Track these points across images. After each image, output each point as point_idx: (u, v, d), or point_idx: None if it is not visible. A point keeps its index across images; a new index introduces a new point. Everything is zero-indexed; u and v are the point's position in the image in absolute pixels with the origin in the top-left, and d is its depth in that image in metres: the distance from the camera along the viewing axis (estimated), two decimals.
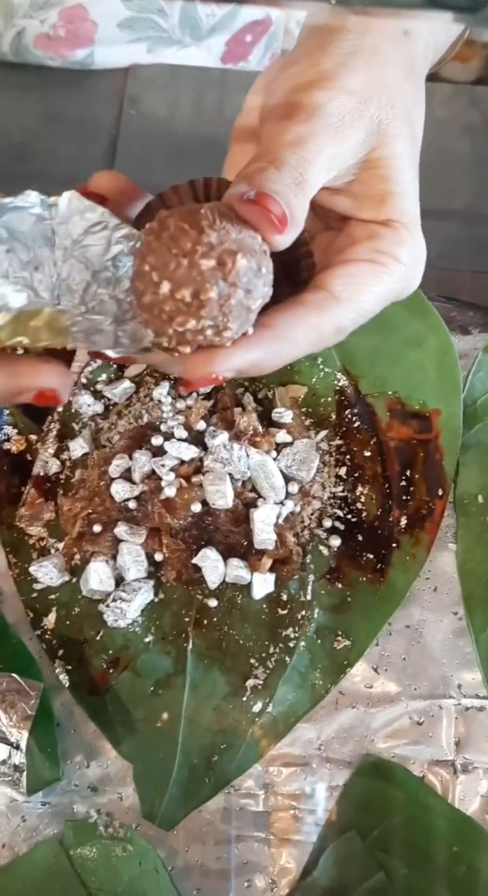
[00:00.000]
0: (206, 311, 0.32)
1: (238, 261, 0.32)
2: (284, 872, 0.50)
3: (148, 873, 0.49)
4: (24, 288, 0.36)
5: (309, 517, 0.57)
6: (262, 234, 0.33)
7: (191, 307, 0.32)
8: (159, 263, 0.32)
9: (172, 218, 0.32)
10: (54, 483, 0.58)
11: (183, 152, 0.79)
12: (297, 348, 0.36)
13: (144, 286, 0.32)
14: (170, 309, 0.32)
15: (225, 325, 0.32)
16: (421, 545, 0.56)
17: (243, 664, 0.54)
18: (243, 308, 0.33)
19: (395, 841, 0.50)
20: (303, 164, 0.35)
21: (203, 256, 0.31)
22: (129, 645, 0.54)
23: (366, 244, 0.38)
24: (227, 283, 0.32)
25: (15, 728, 0.48)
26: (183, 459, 0.56)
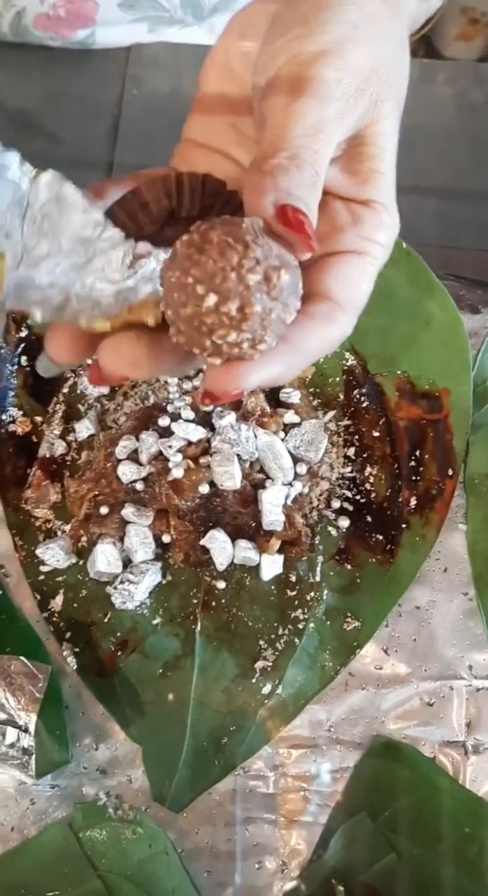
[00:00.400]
0: (248, 325, 0.32)
1: (282, 276, 0.32)
2: (294, 854, 0.50)
3: (158, 855, 0.49)
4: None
5: (317, 498, 0.56)
6: (295, 252, 0.34)
7: (234, 320, 0.32)
8: (204, 276, 0.32)
9: (215, 231, 0.33)
10: (60, 465, 0.58)
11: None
12: (309, 359, 0.36)
13: (186, 298, 0.33)
14: (212, 321, 0.32)
15: (262, 338, 0.33)
16: (430, 526, 0.55)
17: (252, 646, 0.53)
18: (281, 322, 0.33)
19: (406, 822, 0.49)
20: (318, 161, 0.34)
21: (250, 271, 0.32)
22: (137, 627, 0.54)
23: (351, 231, 0.37)
24: (271, 297, 0.32)
25: (23, 711, 0.48)
26: (190, 440, 0.55)
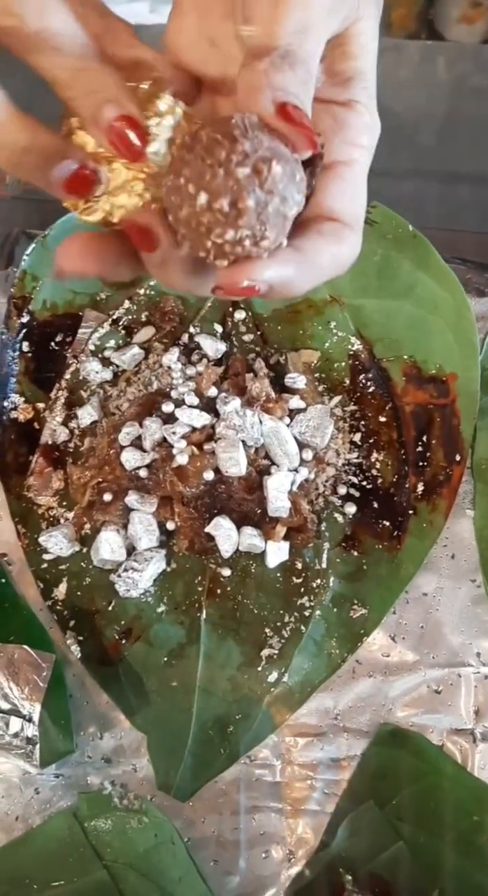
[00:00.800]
0: (244, 221, 0.32)
1: (273, 167, 0.32)
2: (301, 843, 0.50)
3: (164, 845, 0.48)
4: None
5: (323, 484, 0.56)
6: (295, 149, 0.33)
7: (229, 217, 0.32)
8: (194, 175, 0.32)
9: (204, 130, 0.32)
10: (63, 452, 0.57)
11: None
12: (322, 274, 0.36)
13: (180, 200, 0.32)
14: (208, 220, 0.32)
15: (262, 234, 0.32)
16: (438, 512, 0.54)
17: (258, 634, 0.53)
18: (280, 216, 0.33)
19: (414, 810, 0.49)
20: (310, 59, 0.34)
21: (238, 165, 0.31)
22: (142, 615, 0.53)
23: (336, 139, 0.37)
24: (264, 190, 0.32)
25: (27, 700, 0.47)
26: (194, 426, 0.54)
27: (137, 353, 0.59)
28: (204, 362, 0.58)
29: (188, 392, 0.56)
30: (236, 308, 0.60)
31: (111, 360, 0.59)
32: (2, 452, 0.57)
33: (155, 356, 0.59)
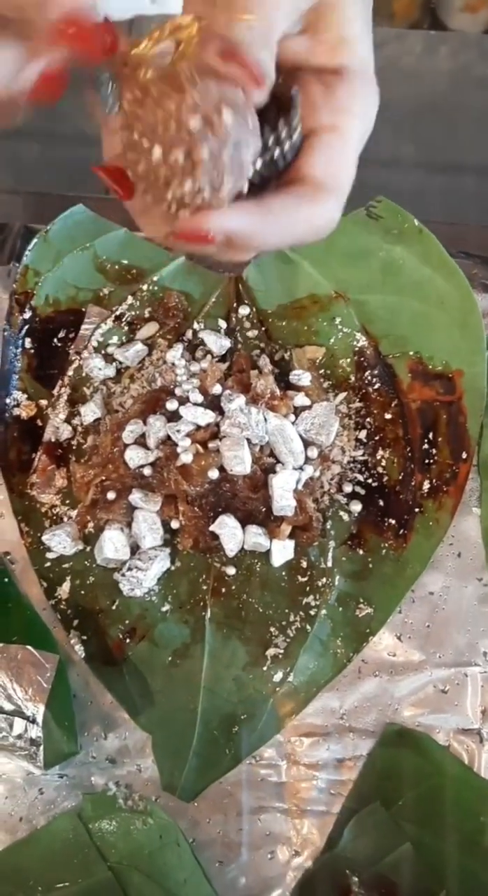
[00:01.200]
0: (200, 171, 0.32)
1: (224, 115, 0.32)
2: (307, 843, 0.49)
3: (169, 846, 0.48)
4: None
5: (328, 482, 0.55)
6: (245, 88, 0.33)
7: (185, 168, 0.32)
8: (147, 130, 0.32)
9: (153, 83, 0.32)
10: (66, 449, 0.57)
11: None
12: (290, 234, 0.36)
13: (137, 155, 0.32)
14: (165, 174, 0.32)
15: (220, 182, 0.33)
16: (444, 510, 0.54)
17: (263, 633, 0.52)
18: (236, 163, 0.33)
19: (420, 811, 0.49)
20: (272, 13, 0.35)
21: (189, 115, 0.32)
22: (146, 614, 0.53)
23: (324, 105, 0.37)
24: (217, 138, 0.31)
25: (30, 701, 0.47)
26: (199, 424, 0.54)
27: (141, 350, 0.58)
28: (208, 359, 0.58)
29: (192, 389, 0.55)
30: (240, 304, 0.60)
31: (114, 357, 0.59)
32: (4, 450, 0.57)
33: (158, 353, 0.58)
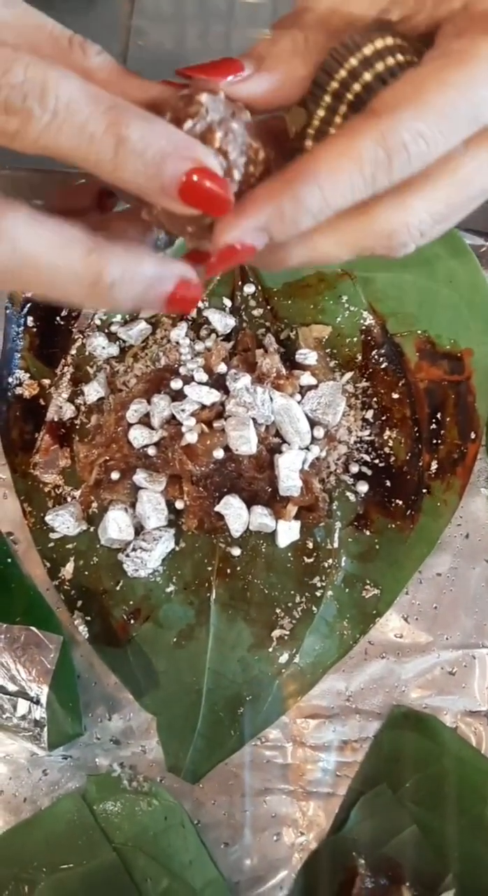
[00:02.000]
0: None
1: (231, 156, 0.31)
2: (313, 826, 0.49)
3: (174, 828, 0.48)
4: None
5: (335, 462, 0.55)
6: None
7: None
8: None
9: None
10: (69, 429, 0.56)
11: None
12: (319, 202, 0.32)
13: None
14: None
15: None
16: (452, 490, 0.53)
17: (268, 614, 0.52)
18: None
19: (428, 793, 0.48)
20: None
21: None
22: (150, 595, 0.53)
23: (440, 42, 0.31)
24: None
25: (34, 682, 0.46)
26: (204, 404, 0.53)
27: (144, 328, 0.58)
28: (212, 337, 0.57)
29: (197, 368, 0.54)
30: (246, 282, 0.59)
31: (118, 336, 0.58)
32: (7, 429, 0.56)
33: (162, 331, 0.58)
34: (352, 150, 0.30)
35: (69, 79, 0.28)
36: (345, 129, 0.30)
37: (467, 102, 0.30)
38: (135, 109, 0.29)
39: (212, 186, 0.29)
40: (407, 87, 0.30)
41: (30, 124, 0.27)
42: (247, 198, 0.31)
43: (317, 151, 0.30)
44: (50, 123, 0.27)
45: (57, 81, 0.27)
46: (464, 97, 0.29)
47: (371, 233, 0.32)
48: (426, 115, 0.29)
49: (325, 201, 0.30)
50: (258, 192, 0.31)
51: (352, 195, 0.30)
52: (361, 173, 0.30)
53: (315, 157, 0.30)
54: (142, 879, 0.47)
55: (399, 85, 0.30)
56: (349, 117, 0.32)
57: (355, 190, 0.30)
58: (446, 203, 0.32)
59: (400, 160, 0.30)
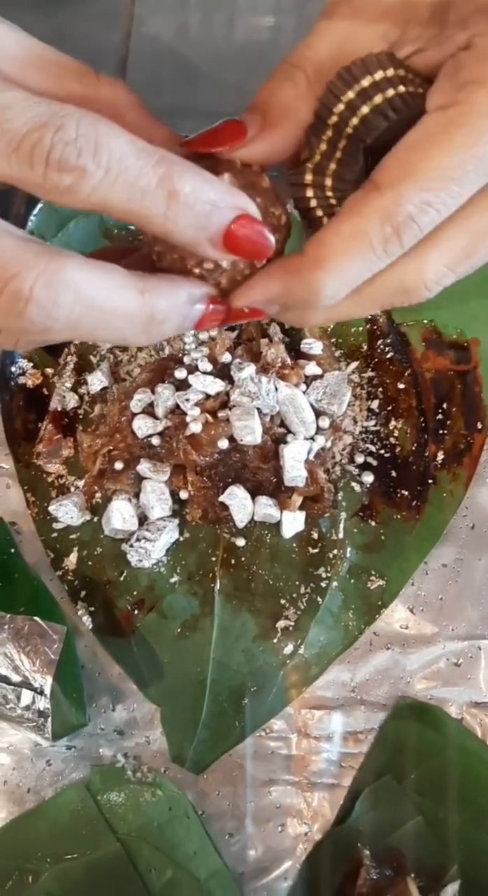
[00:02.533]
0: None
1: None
2: (317, 817, 0.49)
3: (178, 819, 0.48)
4: None
5: (340, 453, 0.54)
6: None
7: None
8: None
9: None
10: (72, 418, 0.56)
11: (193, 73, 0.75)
12: (330, 279, 0.32)
13: (163, 246, 0.32)
14: (188, 258, 0.31)
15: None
16: (458, 481, 0.53)
17: (273, 605, 0.52)
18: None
19: (433, 785, 0.48)
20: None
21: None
22: (154, 586, 0.52)
23: (441, 88, 0.30)
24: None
25: (38, 673, 0.46)
26: (208, 393, 0.53)
27: None
28: (215, 328, 0.56)
29: (201, 358, 0.54)
30: None
31: None
32: (10, 419, 0.56)
33: None
34: (359, 232, 0.30)
35: (118, 133, 0.27)
36: (350, 209, 0.30)
37: (476, 160, 0.29)
38: (182, 162, 0.29)
39: (256, 233, 0.30)
40: (409, 154, 0.29)
41: (83, 181, 0.27)
42: (263, 273, 0.32)
43: (326, 234, 0.30)
44: (103, 179, 0.27)
45: (108, 137, 0.27)
46: (472, 155, 0.29)
47: (388, 292, 0.32)
48: (431, 183, 0.29)
49: (340, 284, 0.31)
50: (272, 270, 0.32)
51: (368, 271, 0.31)
52: (373, 252, 0.30)
53: (323, 244, 0.30)
54: (146, 870, 0.47)
55: (400, 152, 0.30)
56: (349, 151, 0.32)
57: (369, 267, 0.30)
58: (464, 253, 0.31)
59: (411, 232, 0.30)
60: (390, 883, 0.45)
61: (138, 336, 0.30)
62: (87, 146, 0.27)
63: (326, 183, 0.32)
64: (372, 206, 0.29)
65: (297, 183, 0.33)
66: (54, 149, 0.27)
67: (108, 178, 0.27)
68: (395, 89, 0.31)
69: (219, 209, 0.29)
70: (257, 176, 0.32)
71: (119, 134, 0.27)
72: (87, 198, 0.28)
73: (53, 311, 0.28)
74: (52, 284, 0.27)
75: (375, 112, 0.31)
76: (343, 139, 0.32)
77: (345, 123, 0.31)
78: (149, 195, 0.28)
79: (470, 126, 0.29)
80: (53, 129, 0.27)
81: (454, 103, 0.29)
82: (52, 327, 0.28)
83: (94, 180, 0.27)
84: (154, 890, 0.46)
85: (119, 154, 0.27)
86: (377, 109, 0.31)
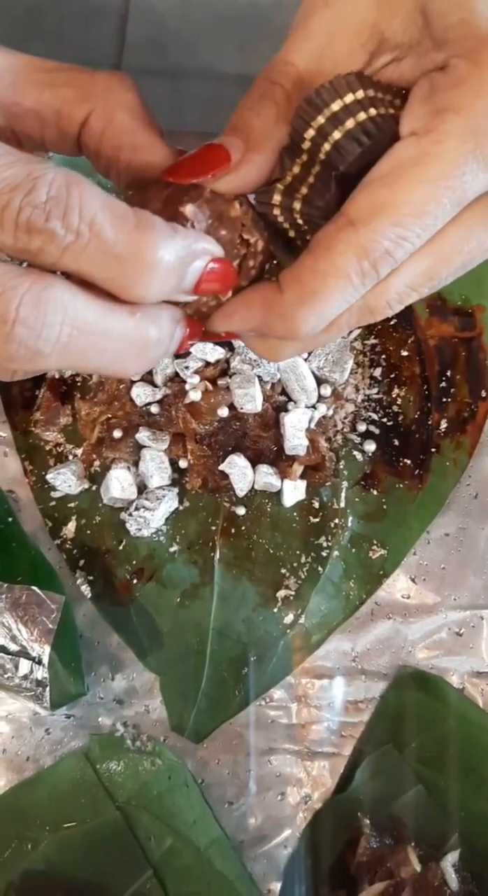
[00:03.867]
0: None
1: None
2: (317, 785, 0.49)
3: (178, 787, 0.48)
4: None
5: (342, 421, 0.53)
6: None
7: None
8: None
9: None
10: (70, 386, 0.55)
11: (195, 33, 0.74)
12: (308, 314, 0.32)
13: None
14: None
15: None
16: (462, 450, 0.52)
17: (274, 574, 0.51)
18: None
19: (434, 753, 0.48)
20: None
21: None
22: (154, 555, 0.52)
23: (414, 111, 0.29)
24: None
25: (36, 643, 0.46)
26: (208, 361, 0.52)
27: None
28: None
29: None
30: None
31: None
32: (7, 386, 0.55)
33: None
34: (338, 270, 0.29)
35: (92, 195, 0.26)
36: (325, 245, 0.29)
37: (449, 192, 0.28)
38: (159, 227, 0.28)
39: (222, 276, 0.30)
40: (383, 187, 0.29)
41: (52, 244, 0.26)
42: (242, 303, 0.31)
43: (303, 272, 0.30)
44: (74, 243, 0.26)
45: (80, 199, 0.26)
46: (446, 188, 0.28)
47: (354, 315, 0.32)
48: (405, 219, 0.28)
49: (319, 321, 0.30)
50: (252, 302, 0.31)
51: (346, 304, 0.30)
52: (352, 287, 0.29)
53: (301, 282, 0.30)
54: (145, 838, 0.47)
55: (373, 184, 0.29)
56: (321, 177, 0.31)
57: (348, 300, 0.30)
58: (427, 276, 0.31)
59: (387, 265, 0.29)
60: (390, 851, 0.45)
61: (132, 360, 0.30)
62: (56, 209, 0.26)
63: (295, 206, 0.31)
64: (347, 244, 0.29)
65: (265, 202, 0.32)
66: (23, 211, 0.26)
67: (78, 242, 0.26)
68: (366, 112, 0.30)
69: (193, 269, 0.29)
70: (227, 205, 0.31)
71: (93, 196, 0.26)
72: (58, 261, 0.27)
73: (43, 332, 0.27)
74: (39, 303, 0.26)
75: (348, 137, 0.30)
76: (316, 164, 0.31)
77: (317, 149, 0.30)
78: (124, 264, 0.27)
79: (444, 157, 0.28)
80: (23, 192, 0.26)
81: (427, 131, 0.28)
82: (42, 350, 0.27)
83: (63, 243, 0.26)
84: (153, 857, 0.46)
85: (90, 218, 0.26)
86: (349, 135, 0.30)
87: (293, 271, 0.30)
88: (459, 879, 0.45)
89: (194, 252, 0.29)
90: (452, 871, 0.45)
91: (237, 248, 0.31)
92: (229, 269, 0.30)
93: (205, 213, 0.30)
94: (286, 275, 0.30)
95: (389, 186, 0.28)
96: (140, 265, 0.27)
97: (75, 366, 0.29)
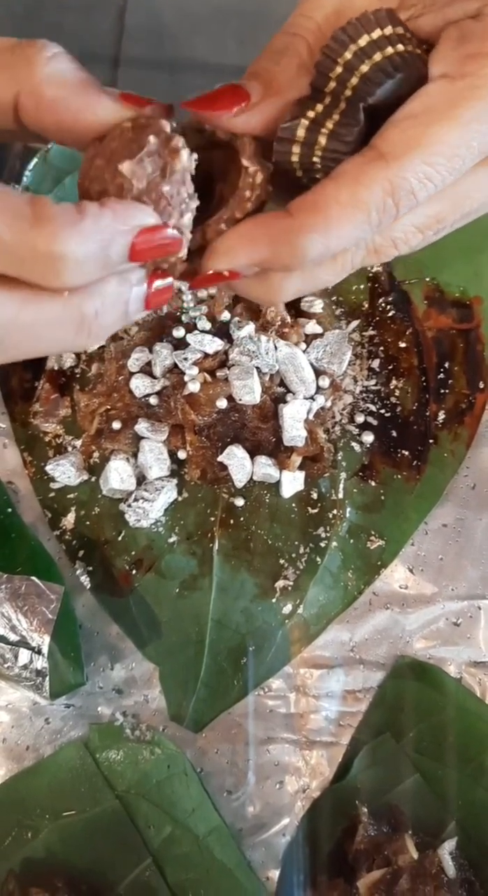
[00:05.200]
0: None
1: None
2: (316, 774, 0.49)
3: (177, 776, 0.48)
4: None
5: (340, 412, 0.54)
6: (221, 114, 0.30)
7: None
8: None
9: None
10: (69, 377, 0.55)
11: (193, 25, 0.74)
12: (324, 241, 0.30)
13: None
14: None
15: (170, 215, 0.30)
16: (460, 441, 0.53)
17: (272, 565, 0.51)
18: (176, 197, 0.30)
19: (431, 743, 0.48)
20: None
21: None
22: (153, 545, 0.52)
23: (444, 55, 0.29)
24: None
25: (36, 632, 0.46)
26: (207, 352, 0.52)
27: None
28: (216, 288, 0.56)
29: (200, 316, 0.53)
30: None
31: None
32: (6, 378, 0.55)
33: None
34: (360, 202, 0.28)
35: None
36: (351, 176, 0.29)
37: (480, 136, 0.28)
38: (58, 215, 0.27)
39: (159, 241, 0.29)
40: (415, 125, 0.28)
41: None
42: (244, 233, 0.30)
43: (322, 199, 0.29)
44: None
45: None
46: (478, 132, 0.28)
47: (359, 253, 0.31)
48: (436, 158, 0.28)
49: (327, 250, 0.29)
50: (256, 230, 0.30)
51: (354, 239, 0.30)
52: (369, 222, 0.29)
53: (317, 209, 0.29)
54: (145, 826, 0.47)
55: (405, 121, 0.29)
56: (349, 112, 0.30)
57: (362, 235, 0.29)
58: (436, 218, 0.31)
59: (408, 205, 0.29)
60: (388, 840, 0.46)
61: (75, 339, 0.29)
62: None
63: (320, 141, 0.30)
64: (374, 177, 0.28)
65: (286, 137, 0.31)
66: None
67: None
68: (394, 48, 0.30)
69: (118, 246, 0.28)
70: (173, 156, 0.30)
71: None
72: None
73: None
74: None
75: (375, 69, 0.30)
76: (341, 102, 0.30)
77: (343, 86, 0.30)
78: (29, 262, 0.26)
79: (479, 102, 0.28)
80: None
81: (461, 75, 0.28)
82: None
83: None
84: (153, 846, 0.47)
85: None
86: (377, 67, 0.30)
87: (308, 197, 0.29)
88: (456, 867, 0.45)
89: (114, 230, 0.27)
90: (449, 858, 0.45)
91: (185, 202, 0.30)
92: (164, 234, 0.29)
93: (146, 168, 0.29)
94: (298, 201, 0.29)
95: (423, 126, 0.28)
96: (44, 261, 0.26)
97: (19, 357, 0.28)
